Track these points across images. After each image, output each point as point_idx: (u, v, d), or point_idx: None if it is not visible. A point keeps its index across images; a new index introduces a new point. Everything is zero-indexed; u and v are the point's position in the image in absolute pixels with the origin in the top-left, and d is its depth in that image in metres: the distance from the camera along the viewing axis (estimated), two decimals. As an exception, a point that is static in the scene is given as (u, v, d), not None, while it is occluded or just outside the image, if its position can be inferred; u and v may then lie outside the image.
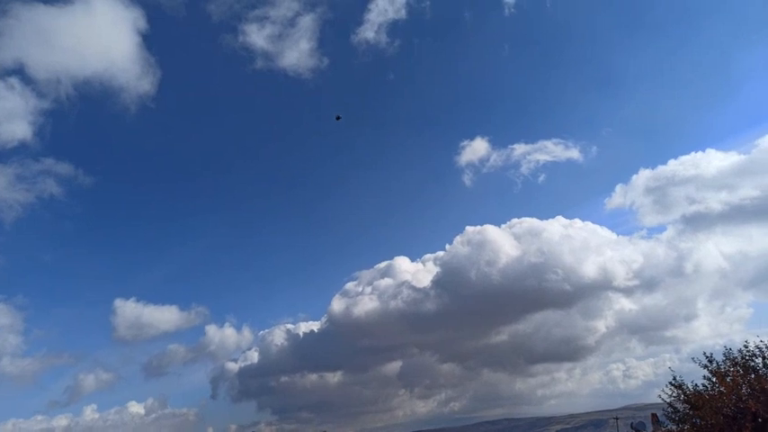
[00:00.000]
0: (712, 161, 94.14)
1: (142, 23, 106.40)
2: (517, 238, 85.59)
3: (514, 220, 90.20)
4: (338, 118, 77.91)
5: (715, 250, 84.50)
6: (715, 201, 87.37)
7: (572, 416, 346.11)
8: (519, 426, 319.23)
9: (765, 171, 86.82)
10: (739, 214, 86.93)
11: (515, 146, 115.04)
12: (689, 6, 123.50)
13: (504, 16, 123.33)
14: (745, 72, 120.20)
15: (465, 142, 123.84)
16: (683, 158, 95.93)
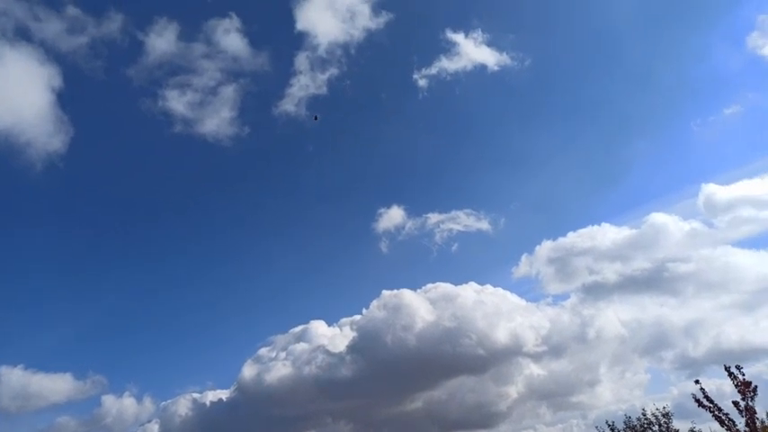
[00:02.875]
0: (607, 234, 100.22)
1: (57, 81, 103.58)
2: (432, 302, 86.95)
3: (429, 285, 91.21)
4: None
5: (614, 317, 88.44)
6: (611, 271, 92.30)
7: None
8: None
9: (654, 245, 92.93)
10: (633, 284, 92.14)
11: (430, 215, 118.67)
12: (581, 102, 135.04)
13: (417, 99, 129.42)
14: (630, 159, 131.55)
15: (382, 210, 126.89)
16: (581, 231, 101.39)
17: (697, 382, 18.33)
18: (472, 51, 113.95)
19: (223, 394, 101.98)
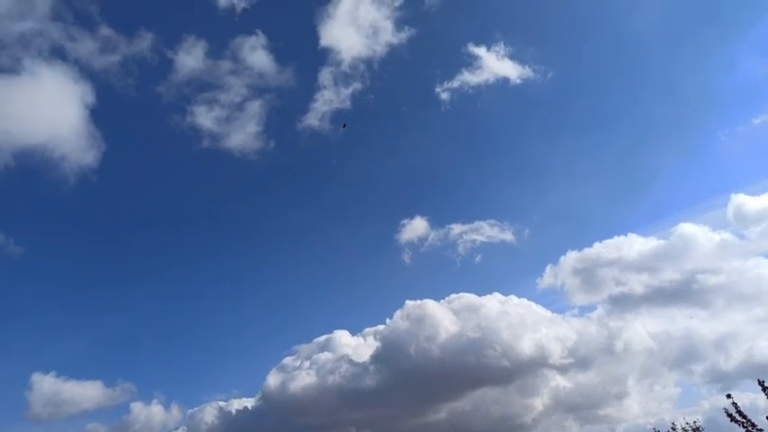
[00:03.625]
0: (634, 245, 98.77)
1: (90, 98, 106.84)
2: (456, 313, 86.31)
3: (453, 296, 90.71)
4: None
5: (642, 330, 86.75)
6: (638, 282, 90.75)
7: None
8: None
9: (683, 256, 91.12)
10: (661, 296, 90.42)
11: (453, 225, 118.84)
12: (605, 113, 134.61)
13: (440, 112, 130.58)
14: (657, 169, 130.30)
15: (405, 221, 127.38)
16: (607, 242, 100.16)
17: (729, 396, 17.81)
18: (494, 65, 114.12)
19: (248, 402, 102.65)
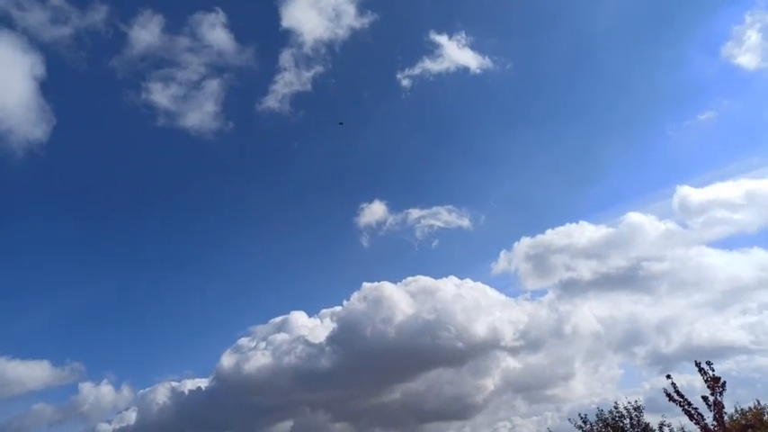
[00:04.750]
0: (584, 232, 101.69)
1: (40, 70, 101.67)
2: (412, 295, 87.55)
3: (409, 279, 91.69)
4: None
5: (589, 314, 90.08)
6: (587, 268, 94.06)
7: None
8: None
9: (630, 243, 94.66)
10: (608, 282, 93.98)
11: (411, 210, 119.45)
12: (560, 106, 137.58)
13: (401, 98, 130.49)
14: (608, 160, 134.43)
15: (364, 205, 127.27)
16: (559, 228, 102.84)
17: (668, 376, 18.74)
18: (455, 53, 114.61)
19: (202, 383, 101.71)
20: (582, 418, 17.44)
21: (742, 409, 19.91)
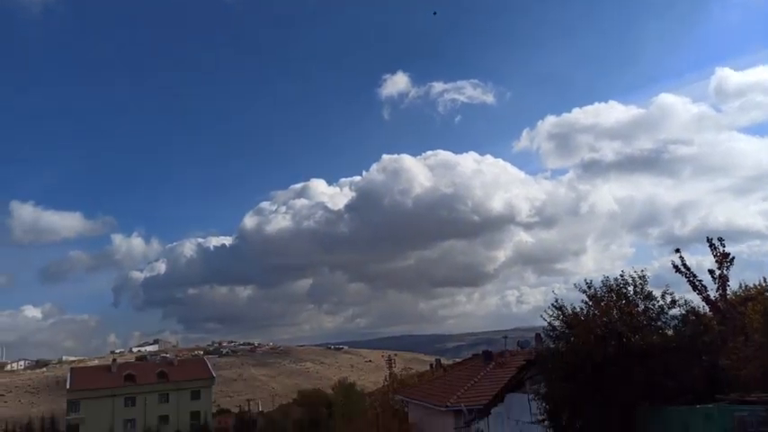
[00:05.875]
0: (613, 112, 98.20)
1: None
2: (431, 169, 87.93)
3: (429, 153, 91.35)
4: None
5: (608, 194, 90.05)
6: (611, 149, 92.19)
7: (468, 334, 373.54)
8: (420, 341, 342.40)
9: (658, 125, 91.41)
10: (631, 163, 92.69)
11: (435, 83, 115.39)
12: None
13: None
14: (645, 37, 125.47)
15: (386, 75, 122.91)
16: (587, 108, 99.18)
17: (677, 250, 18.75)
18: None
19: (226, 240, 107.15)
20: (587, 283, 17.81)
21: (746, 286, 20.12)
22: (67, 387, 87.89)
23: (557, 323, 17.87)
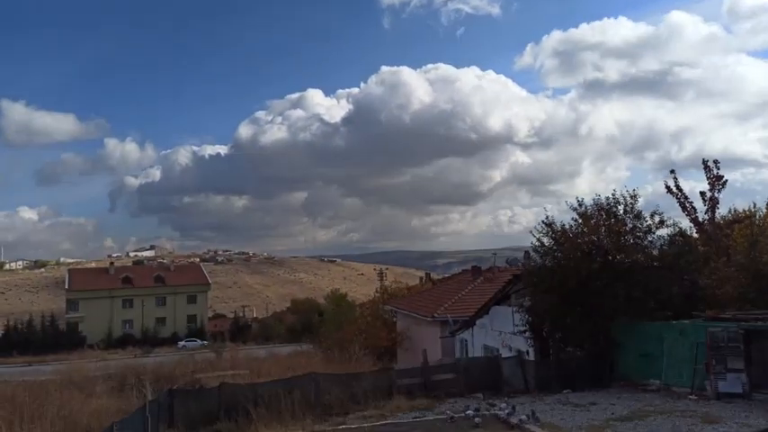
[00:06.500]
0: (621, 29, 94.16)
1: None
2: (431, 83, 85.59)
3: (430, 66, 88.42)
4: None
5: (609, 116, 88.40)
6: (615, 69, 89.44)
7: (459, 252, 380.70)
8: (410, 257, 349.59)
9: (666, 45, 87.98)
10: (635, 85, 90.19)
11: None
12: None
13: None
14: None
15: None
16: (595, 24, 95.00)
17: (672, 171, 18.77)
18: None
19: (221, 149, 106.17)
20: (578, 201, 17.92)
21: (735, 210, 20.34)
22: (66, 287, 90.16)
23: (545, 239, 18.18)
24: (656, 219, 17.43)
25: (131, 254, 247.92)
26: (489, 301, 23.65)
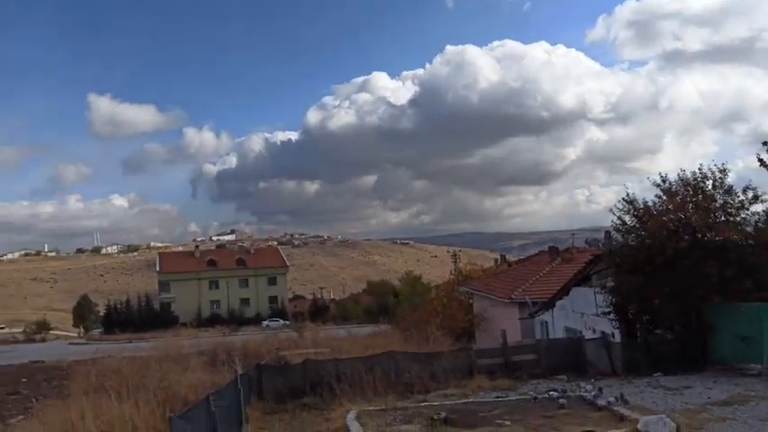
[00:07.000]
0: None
1: None
2: (498, 61, 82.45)
3: (496, 43, 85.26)
4: None
5: (691, 88, 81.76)
6: (696, 38, 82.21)
7: (534, 233, 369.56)
8: (484, 239, 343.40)
9: (753, 10, 79.73)
10: (719, 53, 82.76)
11: None
12: None
13: None
14: None
15: None
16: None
17: (765, 143, 17.18)
18: None
19: (292, 135, 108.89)
20: (662, 176, 17.12)
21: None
22: (157, 270, 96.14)
23: (627, 217, 17.55)
24: (750, 194, 16.37)
25: (214, 238, 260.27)
26: (569, 282, 23.18)
